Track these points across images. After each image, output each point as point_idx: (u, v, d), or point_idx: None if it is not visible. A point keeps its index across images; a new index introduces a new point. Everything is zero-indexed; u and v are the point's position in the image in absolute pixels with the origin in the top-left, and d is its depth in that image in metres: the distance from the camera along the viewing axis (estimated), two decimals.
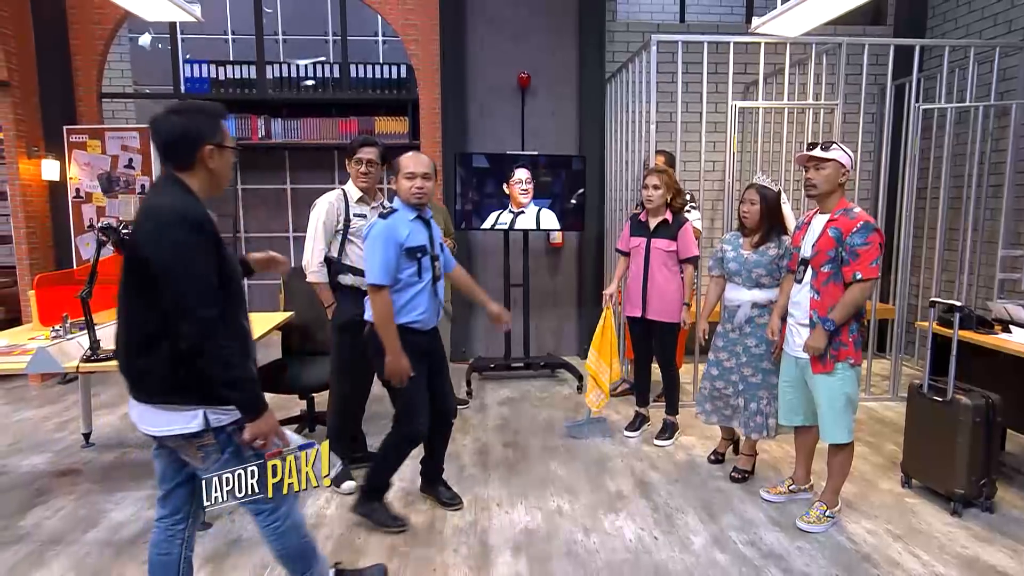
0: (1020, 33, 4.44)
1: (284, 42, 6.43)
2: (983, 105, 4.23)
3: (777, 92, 4.90)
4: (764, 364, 2.93)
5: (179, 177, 1.65)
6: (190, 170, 1.65)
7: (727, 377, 3.03)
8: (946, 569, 2.32)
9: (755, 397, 2.95)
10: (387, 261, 2.38)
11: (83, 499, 2.86)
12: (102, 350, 2.58)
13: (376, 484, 2.63)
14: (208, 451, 1.66)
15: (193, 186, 1.66)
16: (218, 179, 1.71)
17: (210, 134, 1.65)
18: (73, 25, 5.10)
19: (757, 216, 2.88)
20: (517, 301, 4.59)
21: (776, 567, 2.34)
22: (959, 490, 2.68)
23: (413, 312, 2.47)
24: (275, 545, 1.81)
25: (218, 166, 1.68)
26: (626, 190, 4.57)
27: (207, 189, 1.69)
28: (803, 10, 3.14)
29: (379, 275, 2.38)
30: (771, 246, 2.88)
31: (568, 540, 2.53)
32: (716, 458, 3.27)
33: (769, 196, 2.87)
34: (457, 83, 5.05)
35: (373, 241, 2.41)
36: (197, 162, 1.64)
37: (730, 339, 3.01)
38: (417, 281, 2.46)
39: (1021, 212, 4.38)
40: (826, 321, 2.46)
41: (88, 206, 5.01)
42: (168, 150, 1.65)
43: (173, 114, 1.64)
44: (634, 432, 3.58)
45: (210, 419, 1.63)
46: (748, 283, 2.92)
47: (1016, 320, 2.97)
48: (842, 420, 2.53)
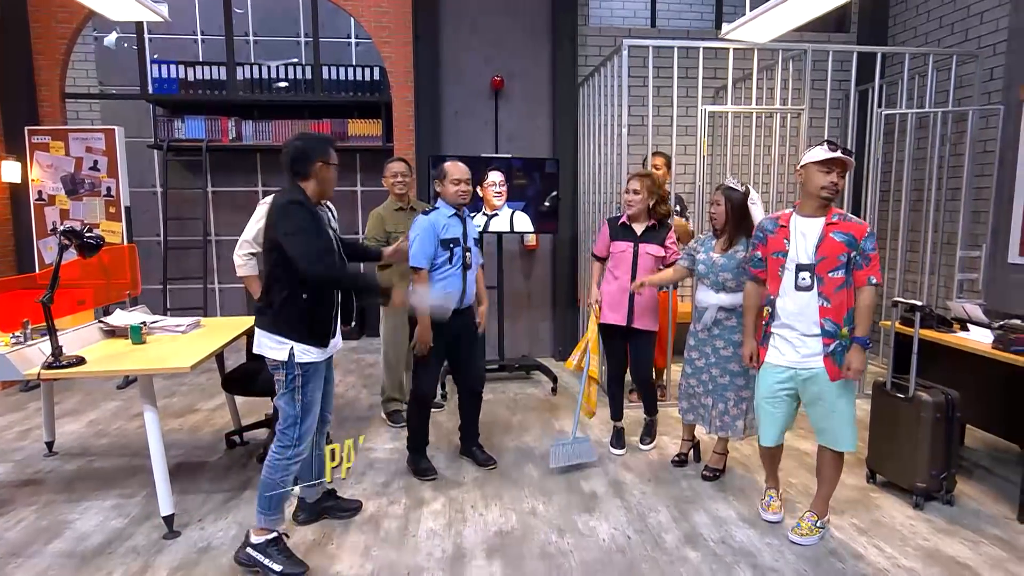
0: (976, 42, 4.60)
1: (255, 43, 6.34)
2: (941, 111, 4.37)
3: (746, 97, 5.00)
4: (731, 366, 2.96)
5: (298, 184, 2.32)
6: (305, 179, 2.33)
7: (699, 376, 3.07)
8: (908, 561, 2.38)
9: (722, 398, 2.99)
10: (425, 249, 2.93)
11: (45, 509, 2.78)
12: (64, 356, 2.52)
13: (412, 444, 3.17)
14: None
15: (308, 191, 2.33)
16: (324, 187, 2.37)
17: (322, 153, 2.33)
18: (35, 24, 4.98)
19: (723, 218, 2.91)
20: (491, 303, 4.57)
21: (746, 563, 2.38)
22: (921, 484, 2.76)
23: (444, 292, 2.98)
24: (264, 470, 2.31)
25: (326, 178, 2.36)
26: (599, 193, 4.62)
27: (317, 194, 2.36)
28: (770, 17, 3.22)
29: (418, 259, 2.94)
30: (739, 249, 2.90)
31: (542, 541, 2.54)
32: (679, 459, 3.27)
33: (735, 198, 2.89)
34: (431, 86, 5.04)
35: (417, 232, 2.95)
36: (311, 174, 2.32)
37: (700, 339, 3.06)
38: (448, 267, 3.00)
39: (978, 215, 4.54)
40: (862, 340, 2.36)
41: (51, 209, 4.88)
42: (292, 164, 2.31)
43: (297, 140, 2.35)
44: (620, 449, 3.46)
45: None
46: (715, 286, 2.95)
47: (974, 319, 3.06)
48: (853, 427, 2.48)
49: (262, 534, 2.29)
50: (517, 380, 4.87)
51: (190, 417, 4.04)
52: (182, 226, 6.09)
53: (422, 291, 2.86)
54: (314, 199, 2.34)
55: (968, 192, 4.38)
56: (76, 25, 5.03)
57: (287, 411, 2.30)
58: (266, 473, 2.30)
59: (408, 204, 3.75)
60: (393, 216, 3.72)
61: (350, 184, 6.48)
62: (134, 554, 2.42)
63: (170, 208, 5.96)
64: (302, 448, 2.33)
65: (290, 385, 2.29)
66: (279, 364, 2.29)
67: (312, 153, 2.32)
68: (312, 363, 2.31)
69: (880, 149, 4.37)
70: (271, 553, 2.28)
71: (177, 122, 5.83)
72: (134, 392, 4.48)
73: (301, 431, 2.32)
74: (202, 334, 3.11)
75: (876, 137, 4.28)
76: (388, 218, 3.70)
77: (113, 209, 4.90)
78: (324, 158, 2.34)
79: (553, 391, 4.55)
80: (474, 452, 3.33)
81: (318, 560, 2.39)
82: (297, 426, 2.31)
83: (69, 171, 4.86)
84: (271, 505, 2.29)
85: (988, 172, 4.43)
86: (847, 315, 2.39)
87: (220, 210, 6.38)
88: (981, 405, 3.12)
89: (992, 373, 2.87)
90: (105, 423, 3.91)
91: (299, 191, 2.31)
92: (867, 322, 2.38)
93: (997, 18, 4.45)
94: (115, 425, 3.88)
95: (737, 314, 2.91)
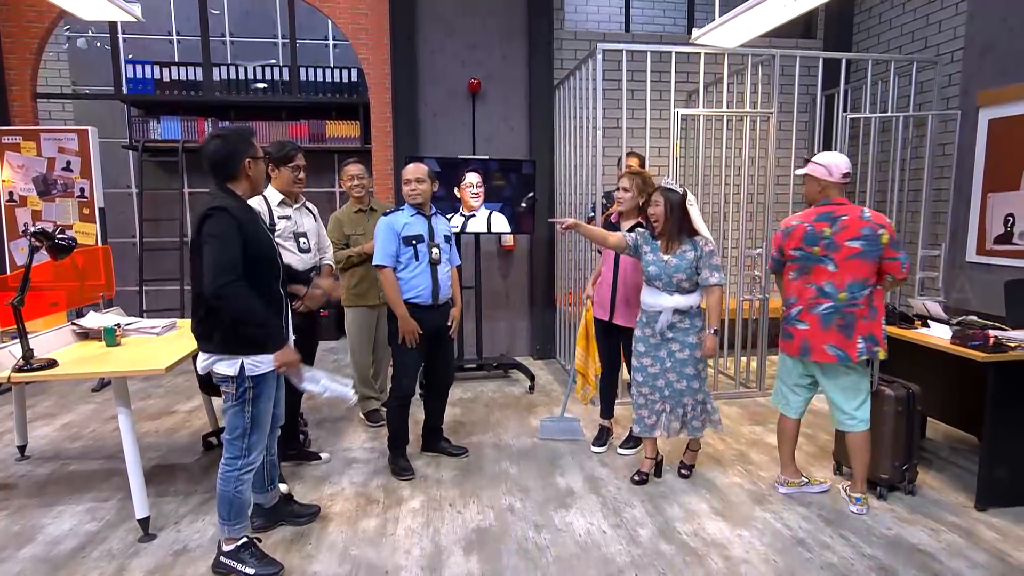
0: (935, 49, 4.77)
1: (232, 44, 6.30)
2: (903, 115, 4.52)
3: (717, 100, 5.11)
4: (687, 369, 2.90)
5: (227, 187, 2.19)
6: (235, 180, 2.20)
7: (652, 383, 2.97)
8: (872, 550, 2.46)
9: (680, 403, 2.94)
10: (386, 247, 3.03)
11: (17, 514, 2.76)
12: (35, 359, 2.50)
13: (393, 442, 3.20)
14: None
15: (238, 192, 2.21)
16: (257, 184, 2.27)
17: (248, 149, 2.19)
18: (5, 24, 4.90)
19: (663, 218, 2.85)
20: (470, 303, 4.63)
21: (718, 555, 2.44)
22: (884, 475, 2.86)
23: (412, 290, 3.06)
24: (218, 482, 2.27)
25: (257, 174, 2.25)
26: (575, 194, 4.68)
27: (250, 192, 2.26)
28: (739, 23, 3.31)
29: (380, 257, 3.05)
30: (687, 249, 2.84)
31: (519, 537, 2.57)
32: (641, 479, 3.05)
33: (672, 198, 2.84)
34: (408, 87, 5.07)
35: (377, 232, 3.07)
36: (240, 174, 2.19)
37: (652, 344, 2.95)
38: (415, 264, 3.05)
39: (938, 215, 4.70)
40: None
41: (23, 210, 4.81)
42: (217, 167, 2.18)
43: (215, 138, 2.17)
44: (600, 447, 3.45)
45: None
46: (669, 288, 2.86)
47: (934, 316, 3.17)
48: (868, 406, 2.76)
49: (232, 542, 2.29)
50: (495, 379, 4.91)
51: (167, 419, 4.01)
52: (158, 227, 6.02)
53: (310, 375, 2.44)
54: (246, 197, 2.25)
55: (928, 193, 4.53)
56: (47, 25, 4.97)
57: (235, 423, 2.23)
58: (220, 485, 2.25)
59: (368, 206, 3.77)
60: (352, 219, 3.72)
61: (328, 185, 6.47)
62: (109, 557, 2.41)
63: (146, 209, 5.90)
64: (252, 458, 2.27)
65: (241, 398, 2.21)
66: (229, 378, 2.19)
67: (237, 151, 2.18)
68: (263, 374, 2.22)
69: (846, 151, 4.50)
70: (244, 558, 2.27)
71: (152, 123, 5.77)
72: (109, 395, 4.43)
73: (250, 442, 2.25)
74: (178, 335, 3.10)
75: (842, 140, 4.40)
76: (347, 221, 3.70)
77: (87, 210, 4.84)
78: (251, 154, 2.21)
79: (531, 389, 4.59)
80: (443, 446, 3.41)
81: (296, 560, 2.40)
82: (246, 437, 2.24)
83: (41, 172, 4.79)
84: (231, 515, 2.27)
85: (947, 175, 4.60)
86: (847, 286, 2.64)
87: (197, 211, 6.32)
88: (941, 398, 3.25)
89: (951, 367, 2.99)
90: (80, 426, 3.87)
91: (226, 196, 2.17)
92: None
93: (955, 27, 4.62)
94: (90, 428, 3.84)
95: (690, 315, 2.88)
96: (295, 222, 3.04)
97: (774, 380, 3.02)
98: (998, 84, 4.16)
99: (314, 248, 3.11)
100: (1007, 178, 4.11)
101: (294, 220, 3.04)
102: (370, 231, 3.73)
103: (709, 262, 2.84)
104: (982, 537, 2.55)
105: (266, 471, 2.54)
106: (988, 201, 4.23)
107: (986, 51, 4.25)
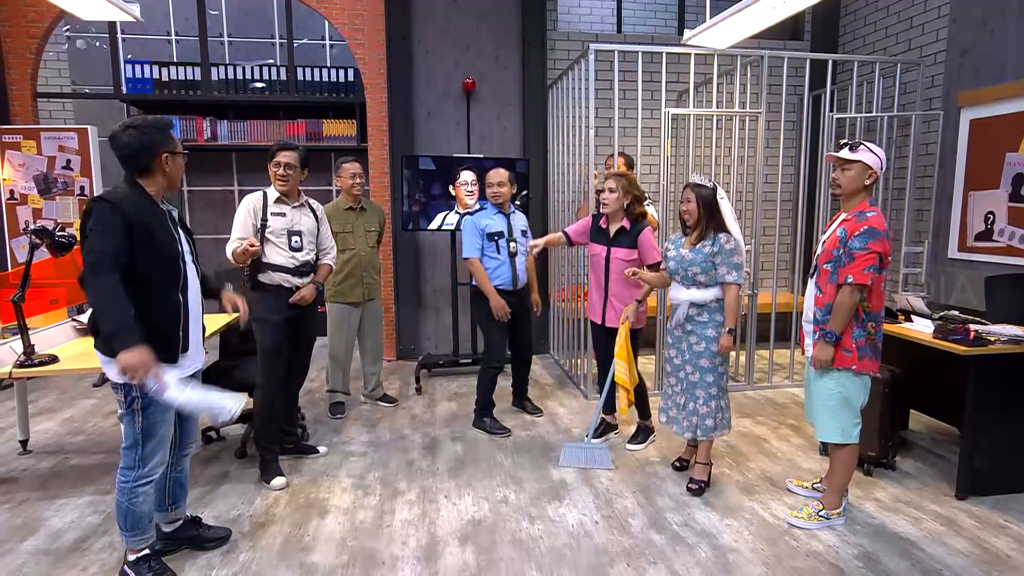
0: (918, 51, 4.85)
1: (230, 44, 6.34)
2: (887, 115, 4.60)
3: (707, 100, 5.18)
4: (702, 362, 2.91)
5: (136, 180, 2.04)
6: (148, 174, 2.06)
7: (676, 374, 3.04)
8: (857, 538, 2.52)
9: (693, 396, 2.95)
10: (471, 242, 3.55)
11: (20, 507, 2.79)
12: (36, 355, 2.55)
13: (481, 406, 3.73)
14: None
15: (150, 188, 2.07)
16: (173, 180, 2.13)
17: (166, 142, 2.05)
18: (5, 24, 4.93)
19: (696, 214, 2.88)
20: (464, 299, 4.68)
21: (707, 544, 2.49)
22: (871, 453, 3.02)
23: (497, 279, 3.60)
24: (116, 491, 2.15)
25: (174, 169, 2.11)
26: (568, 192, 4.75)
27: (164, 188, 2.11)
28: (729, 24, 3.38)
29: (468, 251, 3.58)
30: (707, 244, 2.86)
31: (513, 529, 2.61)
32: (680, 464, 3.18)
33: (704, 193, 2.87)
34: (404, 87, 5.12)
35: (464, 229, 3.62)
36: (155, 168, 2.06)
37: (676, 336, 3.03)
38: (496, 255, 3.58)
39: (921, 213, 4.79)
40: (828, 333, 2.45)
41: (24, 208, 4.84)
42: (130, 159, 2.03)
43: (130, 129, 2.03)
44: (597, 440, 3.49)
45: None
46: (686, 282, 2.91)
47: (916, 311, 3.25)
48: (834, 419, 2.53)
49: (133, 552, 2.21)
50: None
51: None
52: None
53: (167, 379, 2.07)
54: (160, 194, 2.11)
55: (912, 192, 4.62)
56: (47, 25, 5.00)
57: (127, 431, 2.10)
58: (116, 495, 2.14)
59: (359, 204, 3.84)
60: (341, 215, 3.75)
61: (326, 184, 6.52)
62: (110, 549, 2.44)
63: None
64: (148, 470, 2.12)
65: (129, 406, 2.06)
66: (117, 385, 2.04)
67: (154, 145, 2.05)
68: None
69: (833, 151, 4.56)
70: (142, 570, 2.19)
71: None
72: (110, 390, 4.47)
73: (143, 453, 2.10)
74: None
75: (829, 140, 4.48)
76: (336, 217, 3.70)
77: None
78: (169, 148, 2.08)
79: None
80: (524, 404, 4.06)
81: (294, 551, 2.44)
82: (138, 448, 2.09)
83: (42, 170, 4.83)
84: (127, 526, 2.16)
85: (930, 173, 4.69)
86: (826, 307, 2.50)
87: (195, 209, 6.37)
88: (923, 390, 3.33)
89: (933, 360, 3.06)
90: (81, 421, 3.91)
91: (129, 188, 2.05)
92: (837, 319, 2.43)
93: (937, 29, 4.70)
94: (91, 423, 3.88)
95: (708, 309, 2.88)
96: (290, 220, 2.99)
97: (824, 411, 2.59)
98: (978, 85, 4.25)
99: (307, 247, 3.05)
100: (988, 177, 4.19)
101: (289, 218, 2.99)
102: (359, 229, 3.80)
103: (728, 260, 2.82)
104: (962, 525, 2.62)
105: (168, 490, 2.36)
106: (969, 199, 4.32)
107: (967, 53, 4.34)
